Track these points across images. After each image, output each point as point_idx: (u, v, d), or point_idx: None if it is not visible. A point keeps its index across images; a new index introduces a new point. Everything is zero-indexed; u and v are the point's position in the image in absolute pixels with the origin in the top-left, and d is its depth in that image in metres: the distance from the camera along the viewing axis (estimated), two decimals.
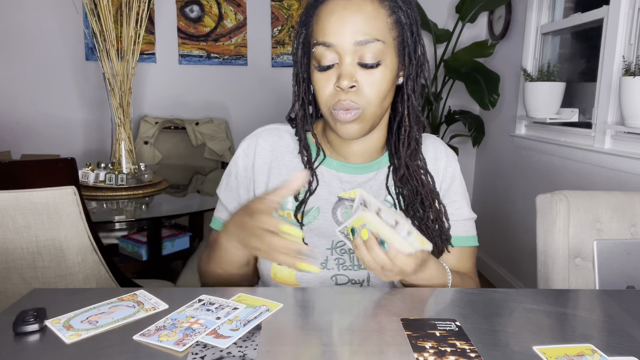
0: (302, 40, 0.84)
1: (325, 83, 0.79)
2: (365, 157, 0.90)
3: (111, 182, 2.05)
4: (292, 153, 0.91)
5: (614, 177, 1.91)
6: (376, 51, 0.76)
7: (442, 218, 0.88)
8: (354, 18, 0.75)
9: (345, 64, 0.77)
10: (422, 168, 0.89)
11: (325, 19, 0.77)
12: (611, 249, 0.83)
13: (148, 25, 2.88)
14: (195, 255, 1.99)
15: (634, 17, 1.87)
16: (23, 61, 3.11)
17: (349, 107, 0.78)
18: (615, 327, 0.65)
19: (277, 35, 3.25)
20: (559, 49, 2.60)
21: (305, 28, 0.83)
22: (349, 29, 0.75)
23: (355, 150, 0.88)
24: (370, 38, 0.76)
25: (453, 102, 3.12)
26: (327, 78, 0.79)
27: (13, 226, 1.11)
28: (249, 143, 0.91)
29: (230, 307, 0.67)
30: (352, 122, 0.79)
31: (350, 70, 0.77)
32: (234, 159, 0.93)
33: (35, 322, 0.60)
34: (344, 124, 0.79)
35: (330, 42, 0.76)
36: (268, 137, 0.91)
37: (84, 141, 3.26)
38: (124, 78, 2.14)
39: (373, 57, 0.76)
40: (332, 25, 0.76)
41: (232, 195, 0.92)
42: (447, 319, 0.65)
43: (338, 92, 0.78)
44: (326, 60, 0.78)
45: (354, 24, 0.75)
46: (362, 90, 0.78)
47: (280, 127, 0.93)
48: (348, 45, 0.76)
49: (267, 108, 3.29)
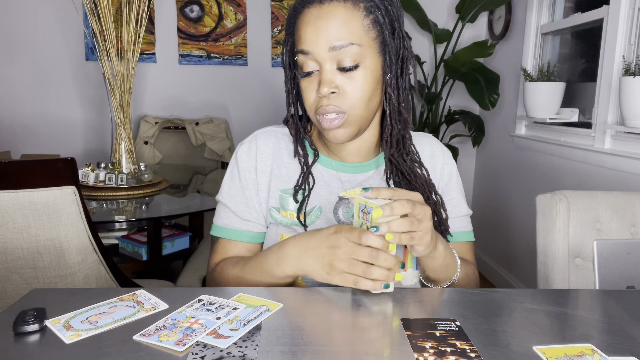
0: (288, 47, 0.85)
1: (309, 89, 0.81)
2: (362, 156, 0.90)
3: (111, 182, 2.05)
4: (290, 155, 0.91)
5: (614, 177, 1.91)
6: (353, 54, 0.77)
7: (439, 209, 0.89)
8: (327, 25, 0.76)
9: (325, 70, 0.78)
10: (416, 161, 0.90)
11: (302, 28, 0.79)
12: (611, 249, 0.83)
13: (148, 25, 2.88)
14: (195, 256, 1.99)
15: (634, 17, 1.87)
16: (23, 61, 3.11)
17: (333, 112, 0.78)
18: (615, 327, 0.65)
19: (277, 35, 3.25)
20: (559, 49, 2.60)
21: (290, 36, 0.85)
22: (323, 36, 0.76)
23: (350, 150, 0.89)
24: (345, 42, 0.76)
25: (453, 102, 3.12)
26: (310, 84, 0.80)
27: (13, 226, 1.11)
28: (250, 146, 0.91)
29: (230, 307, 0.67)
30: (338, 128, 0.80)
31: (329, 77, 0.78)
32: (234, 162, 0.92)
33: (35, 322, 0.60)
34: (330, 130, 0.81)
35: (307, 50, 0.78)
36: (267, 140, 0.91)
37: (84, 141, 3.26)
38: (124, 78, 2.14)
39: (351, 60, 0.77)
40: (308, 35, 0.78)
41: (239, 199, 0.90)
42: (447, 319, 0.65)
43: (321, 98, 0.79)
44: (307, 67, 0.79)
45: (327, 31, 0.76)
46: (345, 94, 0.79)
47: (277, 129, 0.93)
48: (323, 52, 0.77)
49: (267, 108, 3.29)
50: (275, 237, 0.89)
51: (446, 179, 0.95)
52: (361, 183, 0.90)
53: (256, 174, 0.90)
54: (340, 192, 0.89)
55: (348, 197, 0.89)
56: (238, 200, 0.90)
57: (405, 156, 0.88)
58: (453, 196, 0.95)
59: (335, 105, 0.78)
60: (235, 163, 0.92)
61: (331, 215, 0.88)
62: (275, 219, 0.89)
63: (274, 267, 0.78)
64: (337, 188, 0.90)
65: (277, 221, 0.89)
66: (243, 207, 0.90)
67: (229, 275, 0.86)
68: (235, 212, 0.90)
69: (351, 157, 0.90)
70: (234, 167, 0.92)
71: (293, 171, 0.89)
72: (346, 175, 0.90)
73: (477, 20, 2.98)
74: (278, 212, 0.89)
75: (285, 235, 0.88)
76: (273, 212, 0.89)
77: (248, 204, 0.89)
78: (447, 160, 0.96)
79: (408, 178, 0.88)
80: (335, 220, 0.88)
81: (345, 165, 0.90)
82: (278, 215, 0.89)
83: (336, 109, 0.78)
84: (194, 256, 1.99)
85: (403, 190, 0.75)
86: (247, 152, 0.91)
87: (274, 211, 0.89)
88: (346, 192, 0.89)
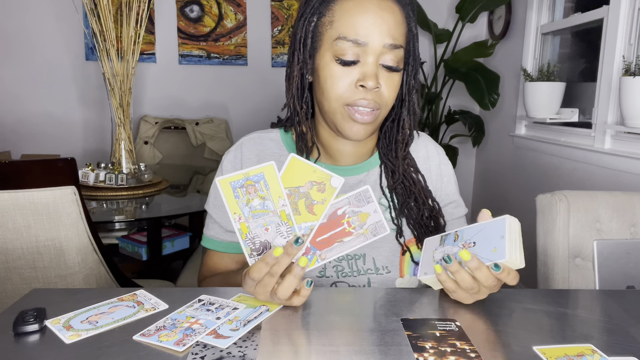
0: (311, 28, 0.79)
1: (344, 78, 0.76)
2: (356, 158, 0.89)
3: (111, 182, 2.05)
4: (278, 160, 0.89)
5: (614, 177, 1.91)
6: (399, 57, 0.78)
7: (436, 215, 0.89)
8: (388, 20, 0.75)
9: (370, 63, 0.76)
10: (412, 166, 0.89)
11: (357, 15, 0.75)
12: (611, 249, 0.83)
13: (148, 25, 2.88)
14: (195, 256, 1.99)
15: (634, 17, 1.87)
16: (23, 61, 3.11)
17: (371, 107, 0.77)
18: (615, 327, 0.65)
19: (277, 35, 3.25)
20: (559, 49, 2.60)
21: (317, 16, 0.78)
22: (383, 30, 0.75)
23: (348, 152, 0.87)
24: (398, 43, 0.77)
25: (453, 102, 3.12)
26: (347, 74, 0.76)
27: (13, 226, 1.11)
28: (235, 154, 0.89)
29: (230, 307, 0.67)
30: (367, 124, 0.79)
31: (375, 71, 0.76)
32: (219, 171, 0.90)
33: (35, 322, 0.60)
34: (356, 123, 0.78)
35: (361, 40, 0.75)
36: (252, 147, 0.89)
37: (84, 141, 3.26)
38: (124, 78, 2.14)
39: (396, 61, 0.77)
40: (366, 24, 0.75)
41: (223, 209, 0.88)
42: (447, 319, 0.65)
43: (358, 90, 0.77)
44: (351, 56, 0.75)
45: (388, 26, 0.75)
46: (382, 93, 0.78)
47: (263, 134, 0.91)
48: (378, 46, 0.75)
49: (267, 108, 3.29)
50: None
51: (445, 180, 0.95)
52: (353, 186, 0.88)
53: None
54: None
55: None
56: (222, 210, 0.88)
57: (402, 161, 0.87)
58: (454, 199, 0.95)
59: (374, 100, 0.77)
60: (220, 172, 0.90)
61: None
62: None
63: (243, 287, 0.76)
64: None
65: None
66: (227, 218, 0.88)
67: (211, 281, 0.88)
68: (220, 223, 0.89)
69: (345, 159, 0.88)
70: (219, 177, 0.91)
71: None
72: None
73: (477, 20, 2.98)
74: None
75: None
76: None
77: None
78: (443, 159, 0.95)
79: (405, 183, 0.88)
80: None
81: (337, 169, 0.88)
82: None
83: (375, 104, 0.77)
84: (194, 256, 2.00)
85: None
86: (232, 162, 0.89)
87: None
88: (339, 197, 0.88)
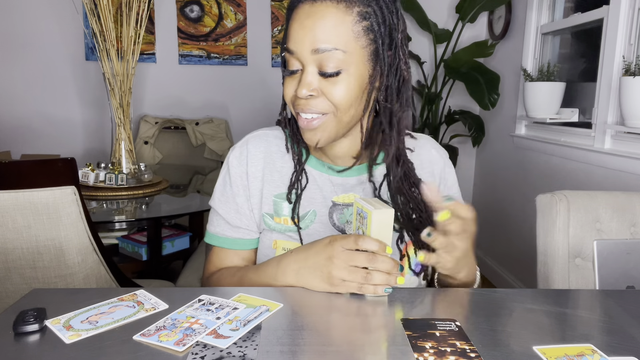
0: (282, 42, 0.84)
1: (289, 87, 0.79)
2: (351, 160, 0.88)
3: (111, 182, 2.05)
4: (282, 158, 0.90)
5: (614, 177, 1.91)
6: (336, 60, 0.74)
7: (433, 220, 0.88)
8: (314, 25, 0.74)
9: (306, 72, 0.76)
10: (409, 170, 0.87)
11: (290, 25, 0.77)
12: (611, 249, 0.83)
13: (148, 25, 2.88)
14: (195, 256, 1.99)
15: (634, 17, 1.87)
16: (23, 61, 3.11)
17: (312, 113, 0.77)
18: (615, 327, 0.65)
19: (277, 35, 3.25)
20: (559, 49, 2.60)
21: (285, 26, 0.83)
22: (308, 37, 0.74)
23: (337, 154, 0.87)
24: (329, 47, 0.73)
25: (453, 102, 3.12)
26: (290, 83, 0.79)
27: (13, 226, 1.11)
28: (241, 151, 0.90)
29: (230, 307, 0.67)
30: (314, 130, 0.79)
31: (309, 79, 0.76)
32: (226, 168, 0.90)
33: (35, 322, 0.60)
34: (307, 130, 0.80)
35: (291, 49, 0.76)
36: (258, 144, 0.90)
37: (84, 141, 3.26)
38: (124, 78, 2.14)
39: (334, 66, 0.74)
40: (294, 33, 0.76)
41: (230, 205, 0.89)
42: (447, 319, 0.65)
43: (299, 98, 0.78)
44: (291, 65, 0.78)
45: (313, 32, 0.74)
46: (325, 98, 0.77)
47: (268, 132, 0.92)
48: (306, 53, 0.75)
49: (267, 108, 3.29)
50: (269, 243, 0.88)
51: (449, 184, 0.94)
52: (352, 187, 0.89)
53: (247, 179, 0.88)
54: (332, 196, 0.88)
55: (340, 202, 0.88)
56: (229, 207, 0.89)
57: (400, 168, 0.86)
58: None
59: (312, 107, 0.77)
60: (226, 169, 0.90)
61: (326, 219, 0.87)
62: (269, 226, 0.88)
63: (273, 281, 0.78)
64: (330, 192, 0.88)
65: (270, 228, 0.88)
66: (233, 214, 0.89)
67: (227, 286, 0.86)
68: (226, 218, 0.89)
69: (340, 161, 0.88)
70: (225, 173, 0.91)
71: (286, 175, 0.88)
72: (338, 179, 0.89)
73: (477, 20, 2.98)
74: (272, 219, 0.88)
75: (279, 241, 0.87)
76: (267, 219, 0.88)
77: (239, 211, 0.88)
78: (447, 163, 0.95)
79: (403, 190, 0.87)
80: (330, 224, 0.88)
81: (336, 169, 0.89)
82: (272, 221, 0.87)
83: (313, 109, 0.77)
84: (194, 256, 2.00)
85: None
86: (238, 158, 0.89)
87: (268, 217, 0.88)
88: (339, 197, 0.88)
